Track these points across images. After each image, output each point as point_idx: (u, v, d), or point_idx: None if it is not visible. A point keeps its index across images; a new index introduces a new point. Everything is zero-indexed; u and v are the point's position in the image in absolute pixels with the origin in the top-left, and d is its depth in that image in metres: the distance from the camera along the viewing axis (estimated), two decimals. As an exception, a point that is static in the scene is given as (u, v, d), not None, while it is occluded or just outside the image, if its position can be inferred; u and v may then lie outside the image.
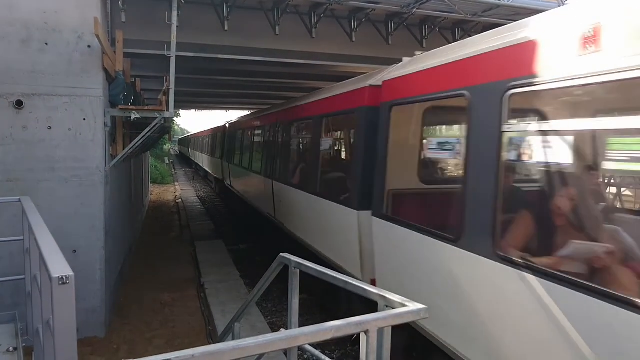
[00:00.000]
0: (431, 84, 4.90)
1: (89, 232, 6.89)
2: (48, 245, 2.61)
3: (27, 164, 6.55)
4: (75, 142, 6.73)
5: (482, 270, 3.89)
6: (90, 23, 6.26)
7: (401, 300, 2.38)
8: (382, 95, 5.86)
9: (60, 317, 2.02)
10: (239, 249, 13.57)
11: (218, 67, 11.15)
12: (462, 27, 9.71)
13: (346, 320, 2.14)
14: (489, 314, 3.89)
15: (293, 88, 15.65)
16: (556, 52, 3.35)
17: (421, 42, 9.62)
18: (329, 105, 7.91)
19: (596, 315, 2.94)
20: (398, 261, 5.32)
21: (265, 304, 9.09)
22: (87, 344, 6.68)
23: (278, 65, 10.04)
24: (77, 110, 6.71)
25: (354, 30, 9.04)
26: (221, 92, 18.48)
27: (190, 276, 10.41)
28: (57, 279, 1.98)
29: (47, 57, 6.56)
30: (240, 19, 8.49)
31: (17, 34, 6.44)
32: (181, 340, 7.10)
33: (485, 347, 3.93)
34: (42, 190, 6.56)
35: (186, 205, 21.92)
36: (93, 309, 6.91)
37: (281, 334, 2.02)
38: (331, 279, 2.95)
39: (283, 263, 3.67)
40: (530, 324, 3.47)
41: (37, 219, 3.51)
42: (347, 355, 7.08)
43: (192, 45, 8.36)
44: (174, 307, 8.53)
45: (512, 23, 4.29)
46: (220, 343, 2.55)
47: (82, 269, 6.59)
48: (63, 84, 6.62)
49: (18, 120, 6.48)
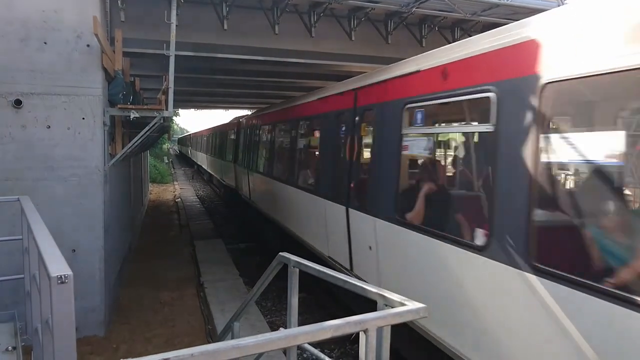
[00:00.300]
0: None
1: (88, 231, 6.88)
2: (47, 245, 2.61)
3: (26, 163, 6.54)
4: (74, 141, 6.72)
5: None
6: (89, 22, 6.24)
7: (400, 299, 2.38)
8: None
9: (59, 316, 2.01)
10: (238, 248, 13.57)
11: (217, 66, 11.15)
12: (462, 26, 9.71)
13: (345, 319, 2.14)
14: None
15: (293, 87, 15.64)
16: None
17: (420, 41, 9.61)
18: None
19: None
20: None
21: (264, 302, 9.09)
22: (86, 343, 6.67)
23: (277, 65, 10.03)
24: (76, 110, 6.70)
25: (353, 29, 9.04)
26: (220, 91, 18.46)
27: (189, 275, 10.41)
28: (56, 278, 1.98)
29: (46, 56, 6.55)
30: (239, 18, 8.48)
31: (16, 32, 6.42)
32: (181, 339, 7.10)
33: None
34: (41, 189, 6.55)
35: (185, 204, 21.91)
36: (92, 308, 6.91)
37: (280, 333, 2.02)
38: (330, 278, 2.95)
39: (282, 262, 3.67)
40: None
41: (36, 218, 3.50)
42: (346, 354, 7.08)
43: (191, 45, 8.35)
44: (174, 306, 8.53)
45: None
46: (219, 342, 2.55)
47: (81, 268, 6.58)
48: (62, 83, 6.61)
49: (17, 119, 6.47)
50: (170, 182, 34.20)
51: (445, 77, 4.70)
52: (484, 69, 4.21)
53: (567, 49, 3.39)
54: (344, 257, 6.83)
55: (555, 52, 3.48)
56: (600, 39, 3.15)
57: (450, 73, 4.64)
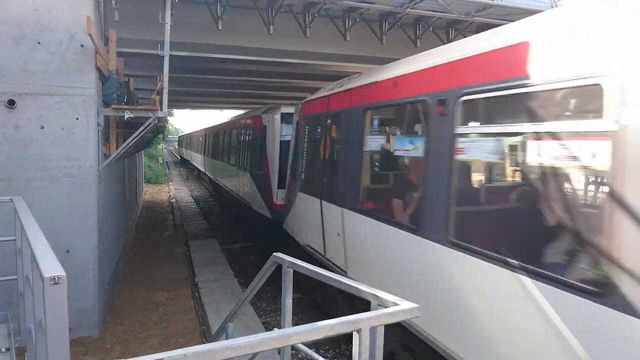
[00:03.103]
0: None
1: (82, 231, 6.86)
2: (40, 245, 2.60)
3: (20, 164, 6.51)
4: (68, 141, 6.70)
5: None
6: (83, 22, 6.22)
7: (394, 299, 2.39)
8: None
9: (53, 317, 2.01)
10: (233, 248, 13.55)
11: (212, 66, 11.15)
12: (456, 26, 9.75)
13: (339, 319, 2.14)
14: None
15: (288, 87, 15.66)
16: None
17: (415, 41, 9.65)
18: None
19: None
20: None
21: (259, 303, 9.09)
22: (80, 344, 6.65)
23: (272, 65, 10.05)
24: (70, 110, 6.67)
25: (348, 29, 9.05)
26: (215, 92, 18.46)
27: (184, 275, 10.39)
28: (49, 279, 1.97)
29: (39, 55, 6.52)
30: (234, 18, 8.48)
31: (9, 32, 6.39)
32: (175, 339, 7.08)
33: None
34: (34, 189, 6.52)
35: (180, 204, 21.87)
36: (86, 308, 6.88)
37: (273, 333, 2.03)
38: (324, 279, 2.95)
39: (276, 262, 3.67)
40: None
41: (29, 219, 3.49)
42: (341, 354, 7.09)
43: (185, 45, 8.34)
44: (168, 306, 8.51)
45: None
46: (213, 342, 2.55)
47: (75, 268, 6.56)
48: (55, 83, 6.58)
49: (10, 119, 6.44)
50: (165, 182, 34.11)
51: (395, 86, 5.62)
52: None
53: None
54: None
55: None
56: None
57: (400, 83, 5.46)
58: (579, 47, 3.23)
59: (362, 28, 9.30)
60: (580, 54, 3.20)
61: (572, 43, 3.30)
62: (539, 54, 3.54)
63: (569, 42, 3.34)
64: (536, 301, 3.34)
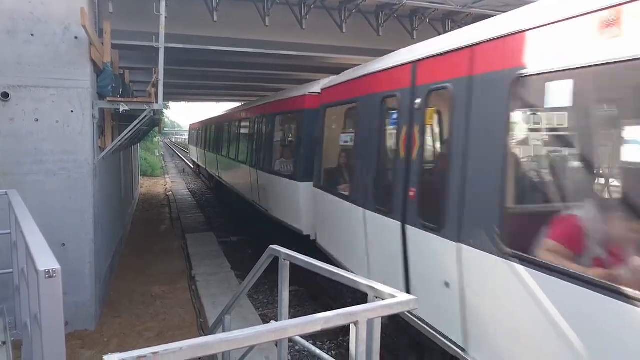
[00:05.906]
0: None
1: (78, 225, 6.83)
2: (35, 239, 2.59)
3: (14, 157, 6.47)
4: (63, 134, 6.66)
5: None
6: (77, 13, 6.15)
7: (390, 291, 2.39)
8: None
9: (48, 310, 2.00)
10: (230, 241, 13.56)
11: (208, 58, 11.05)
12: (453, 18, 9.69)
13: (336, 311, 2.14)
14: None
15: (284, 80, 15.57)
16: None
17: (412, 33, 9.59)
18: None
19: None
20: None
21: (256, 295, 9.10)
22: (77, 337, 6.65)
23: (268, 57, 9.98)
24: (65, 102, 6.63)
25: (344, 21, 8.98)
26: (211, 84, 18.33)
27: (181, 269, 10.39)
28: (44, 272, 1.97)
29: (33, 48, 6.46)
30: (229, 10, 8.40)
31: (3, 24, 6.33)
32: (172, 332, 7.09)
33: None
34: (29, 183, 6.49)
35: (177, 197, 21.84)
36: (83, 302, 6.88)
37: (270, 326, 2.02)
38: (320, 271, 2.95)
39: (273, 255, 3.67)
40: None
41: (24, 212, 3.47)
42: (339, 346, 7.12)
43: (181, 37, 8.27)
44: (165, 299, 8.52)
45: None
46: (209, 335, 2.55)
47: (71, 262, 6.55)
48: (50, 76, 6.53)
49: (4, 112, 6.39)
50: (162, 175, 34.03)
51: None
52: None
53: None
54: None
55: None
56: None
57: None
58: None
59: (359, 20, 9.24)
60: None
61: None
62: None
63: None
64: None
